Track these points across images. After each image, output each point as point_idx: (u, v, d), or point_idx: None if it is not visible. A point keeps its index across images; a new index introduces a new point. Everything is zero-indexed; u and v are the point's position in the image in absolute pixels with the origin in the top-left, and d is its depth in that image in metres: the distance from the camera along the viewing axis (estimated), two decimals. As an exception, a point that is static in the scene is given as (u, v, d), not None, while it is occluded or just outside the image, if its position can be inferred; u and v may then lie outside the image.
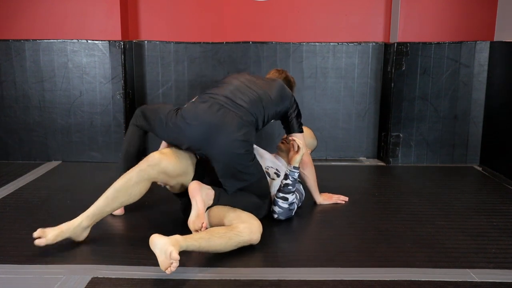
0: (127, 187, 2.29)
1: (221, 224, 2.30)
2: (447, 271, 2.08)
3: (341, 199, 2.95)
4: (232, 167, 2.38)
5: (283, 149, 2.92)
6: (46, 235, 2.18)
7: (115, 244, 2.37)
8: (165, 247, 1.92)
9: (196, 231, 2.20)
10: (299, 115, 2.71)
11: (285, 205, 2.57)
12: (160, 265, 1.93)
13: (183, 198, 2.53)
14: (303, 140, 2.66)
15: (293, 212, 2.64)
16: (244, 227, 2.20)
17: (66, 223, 2.26)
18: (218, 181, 2.43)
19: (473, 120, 3.83)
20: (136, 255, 2.21)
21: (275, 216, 2.60)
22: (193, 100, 2.55)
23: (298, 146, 2.59)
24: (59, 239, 2.21)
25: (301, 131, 2.71)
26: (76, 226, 2.26)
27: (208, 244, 2.08)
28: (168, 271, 1.90)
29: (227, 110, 2.37)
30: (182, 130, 2.38)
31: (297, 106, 2.70)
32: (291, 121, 2.67)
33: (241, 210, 2.38)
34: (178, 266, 2.09)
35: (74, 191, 3.12)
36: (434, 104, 3.80)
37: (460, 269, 2.09)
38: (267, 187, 2.60)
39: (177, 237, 2.00)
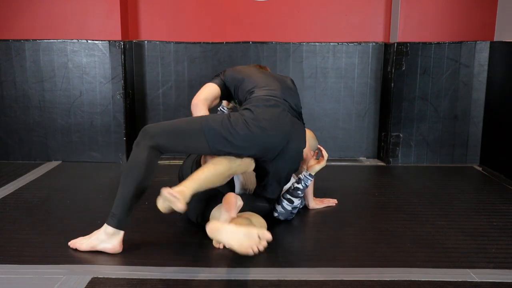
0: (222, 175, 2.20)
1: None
2: (447, 271, 2.08)
3: (331, 202, 2.90)
4: (286, 173, 2.40)
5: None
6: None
7: (115, 244, 2.37)
8: (244, 229, 1.87)
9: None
10: None
11: (289, 208, 2.57)
12: (238, 246, 1.85)
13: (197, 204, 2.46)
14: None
15: (293, 216, 2.64)
16: (259, 226, 2.23)
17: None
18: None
19: (473, 120, 3.83)
20: (136, 255, 2.21)
21: (275, 214, 2.60)
22: (251, 99, 2.38)
23: (322, 156, 2.63)
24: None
25: None
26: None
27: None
28: (254, 249, 1.84)
29: (289, 115, 2.36)
30: (258, 139, 2.21)
31: None
32: None
33: (251, 213, 2.39)
34: (178, 266, 2.10)
35: (74, 191, 3.12)
36: (434, 104, 3.80)
37: (460, 269, 2.09)
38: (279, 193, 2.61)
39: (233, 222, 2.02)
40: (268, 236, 1.85)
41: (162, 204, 2.05)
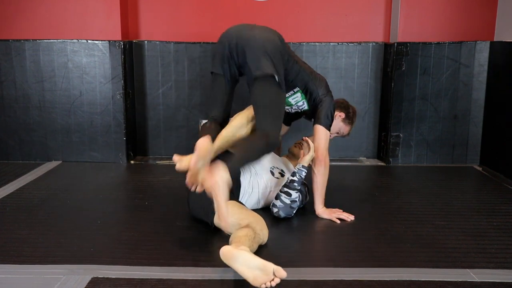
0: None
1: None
2: (447, 271, 2.08)
3: (344, 215, 2.69)
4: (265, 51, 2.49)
5: (294, 153, 2.99)
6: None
7: (115, 244, 2.37)
8: (260, 263, 1.84)
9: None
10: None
11: (287, 201, 2.58)
12: (253, 280, 1.83)
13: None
14: (324, 134, 2.69)
15: (293, 211, 2.64)
16: (260, 230, 2.22)
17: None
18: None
19: (473, 120, 3.83)
20: (136, 255, 2.21)
21: (275, 210, 2.61)
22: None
23: (309, 146, 2.66)
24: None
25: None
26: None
27: (252, 251, 2.07)
28: (267, 286, 1.81)
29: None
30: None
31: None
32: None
33: (250, 211, 2.38)
34: (178, 266, 2.10)
35: (74, 191, 3.12)
36: (434, 104, 3.80)
37: (460, 269, 2.10)
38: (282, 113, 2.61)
39: (246, 249, 1.96)
40: (283, 274, 1.81)
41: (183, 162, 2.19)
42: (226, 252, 1.90)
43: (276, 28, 2.60)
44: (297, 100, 2.80)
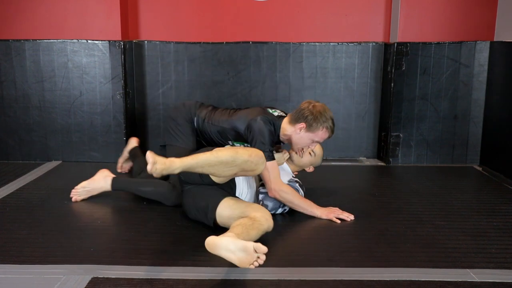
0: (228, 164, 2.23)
1: (234, 216, 2.33)
2: (447, 271, 2.08)
3: (345, 215, 2.66)
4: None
5: (293, 159, 3.01)
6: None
7: (115, 244, 2.37)
8: (240, 244, 1.89)
9: None
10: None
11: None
12: (239, 263, 1.89)
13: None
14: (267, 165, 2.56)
15: (281, 205, 2.69)
16: (261, 216, 2.25)
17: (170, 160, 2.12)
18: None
19: (473, 120, 3.83)
20: (136, 255, 2.21)
21: (260, 197, 2.68)
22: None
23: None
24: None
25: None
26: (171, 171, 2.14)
27: (249, 238, 2.09)
28: (255, 265, 1.89)
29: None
30: None
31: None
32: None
33: (250, 202, 2.44)
34: (178, 266, 2.10)
35: (74, 191, 3.12)
36: (434, 104, 3.80)
37: (460, 269, 2.09)
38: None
39: (232, 234, 2.00)
40: (263, 248, 1.88)
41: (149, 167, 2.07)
42: (209, 242, 1.95)
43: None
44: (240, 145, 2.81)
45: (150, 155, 2.05)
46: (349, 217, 2.65)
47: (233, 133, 2.81)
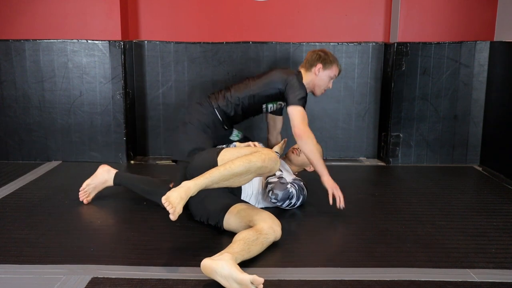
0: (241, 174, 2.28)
1: (242, 224, 2.31)
2: (447, 271, 2.08)
3: (341, 199, 2.70)
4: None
5: (290, 159, 3.06)
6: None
7: (115, 244, 2.37)
8: (237, 276, 1.83)
9: None
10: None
11: (275, 179, 2.69)
12: None
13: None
14: (296, 112, 2.80)
15: (291, 190, 2.66)
16: (268, 228, 2.20)
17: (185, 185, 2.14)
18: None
19: (473, 120, 3.83)
20: (136, 255, 2.21)
21: (269, 187, 2.64)
22: None
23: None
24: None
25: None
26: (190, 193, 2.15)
27: (249, 255, 2.08)
28: None
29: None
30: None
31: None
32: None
33: (259, 209, 2.39)
34: (178, 266, 2.10)
35: (74, 191, 3.10)
36: (434, 104, 3.80)
37: (460, 269, 2.09)
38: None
39: (229, 256, 1.94)
40: (260, 281, 1.83)
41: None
42: (204, 266, 1.91)
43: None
44: (271, 107, 3.02)
45: (166, 203, 2.05)
46: (340, 203, 2.67)
47: (267, 94, 2.94)
